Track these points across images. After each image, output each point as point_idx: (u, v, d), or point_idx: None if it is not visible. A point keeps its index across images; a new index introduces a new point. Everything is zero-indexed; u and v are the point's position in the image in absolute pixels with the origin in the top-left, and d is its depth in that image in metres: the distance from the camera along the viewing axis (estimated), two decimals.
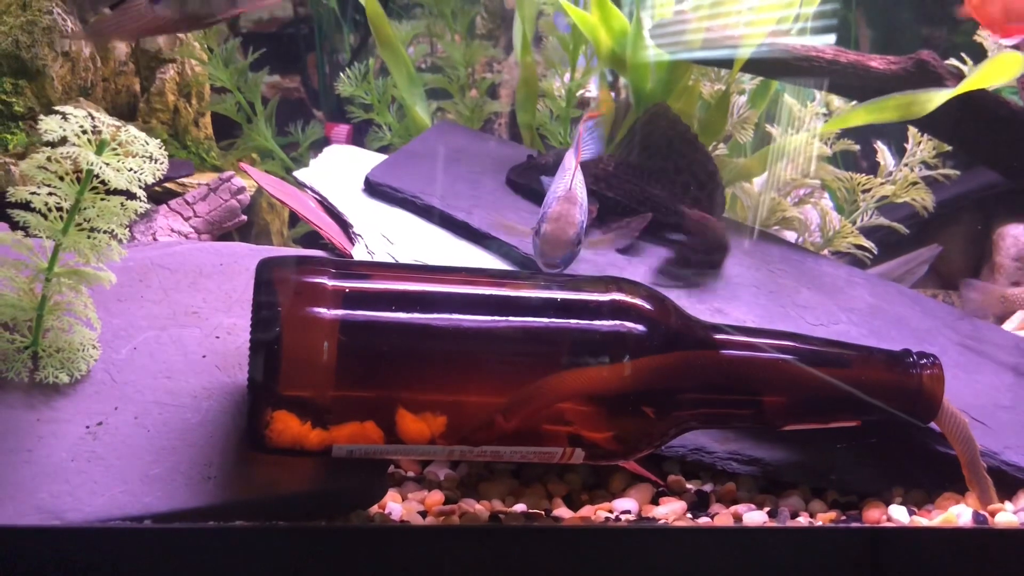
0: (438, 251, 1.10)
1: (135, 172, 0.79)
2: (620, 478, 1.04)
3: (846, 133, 1.45)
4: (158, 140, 0.80)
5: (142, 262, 0.97)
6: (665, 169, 1.17)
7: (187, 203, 1.25)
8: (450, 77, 1.50)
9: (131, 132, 0.80)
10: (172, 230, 1.21)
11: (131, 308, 0.93)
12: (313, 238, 1.36)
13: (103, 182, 0.80)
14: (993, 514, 0.97)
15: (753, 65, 1.30)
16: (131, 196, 0.81)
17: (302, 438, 0.82)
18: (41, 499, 0.79)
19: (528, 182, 1.21)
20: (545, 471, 1.05)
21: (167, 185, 1.32)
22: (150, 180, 0.79)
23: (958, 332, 1.18)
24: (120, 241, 0.84)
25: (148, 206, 0.83)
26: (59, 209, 0.81)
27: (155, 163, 0.80)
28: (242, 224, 1.28)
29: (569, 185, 1.03)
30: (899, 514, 0.98)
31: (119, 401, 0.86)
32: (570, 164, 1.06)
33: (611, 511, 0.98)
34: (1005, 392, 1.11)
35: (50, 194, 0.80)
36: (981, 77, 1.19)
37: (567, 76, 1.42)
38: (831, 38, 1.29)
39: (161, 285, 0.96)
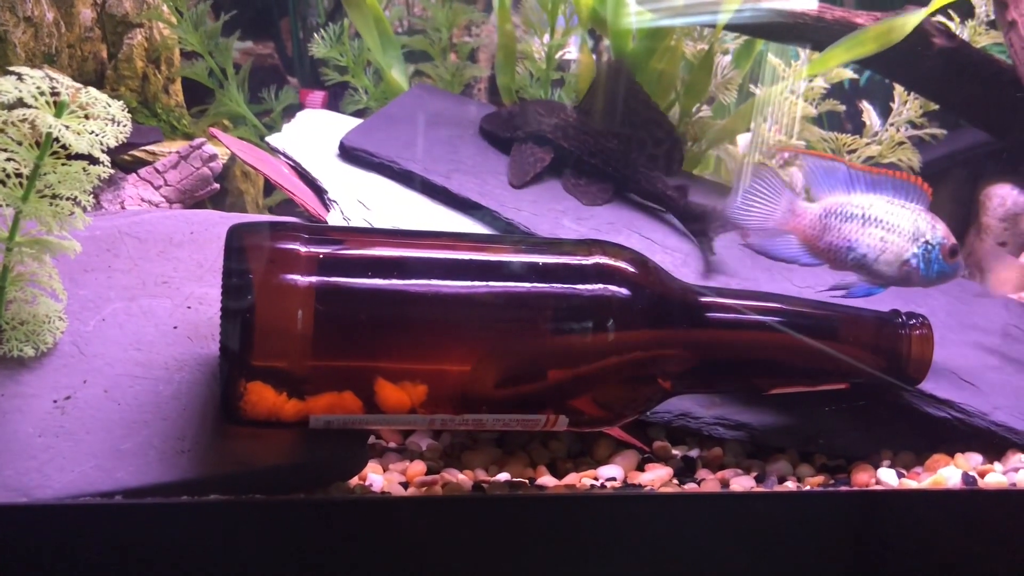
0: (416, 217, 1.07)
1: (97, 135, 0.76)
2: (605, 445, 1.02)
3: (832, 93, 1.43)
4: (120, 102, 0.77)
5: (109, 231, 0.94)
6: (622, 124, 1.17)
7: (157, 172, 1.21)
8: (431, 40, 1.46)
9: (92, 94, 0.76)
10: (142, 199, 1.18)
11: (99, 279, 0.90)
12: (289, 207, 1.33)
13: (64, 146, 0.77)
14: (982, 475, 0.96)
15: (737, 25, 1.28)
16: (94, 161, 0.78)
17: (278, 409, 0.79)
18: (7, 476, 0.77)
19: (499, 131, 1.20)
20: (529, 439, 1.03)
21: (136, 154, 1.28)
22: (113, 143, 0.76)
23: (946, 293, 1.17)
24: (84, 208, 0.80)
25: (112, 171, 0.80)
26: (18, 175, 0.78)
27: (118, 126, 0.77)
28: (215, 193, 1.24)
29: None
30: (888, 477, 0.97)
31: (88, 374, 0.84)
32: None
33: (596, 478, 0.96)
34: (993, 352, 1.10)
35: (8, 160, 0.77)
36: None
37: (546, 37, 1.39)
38: (813, 2, 1.26)
39: (130, 254, 0.93)
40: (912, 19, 1.18)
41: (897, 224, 0.98)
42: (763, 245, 1.03)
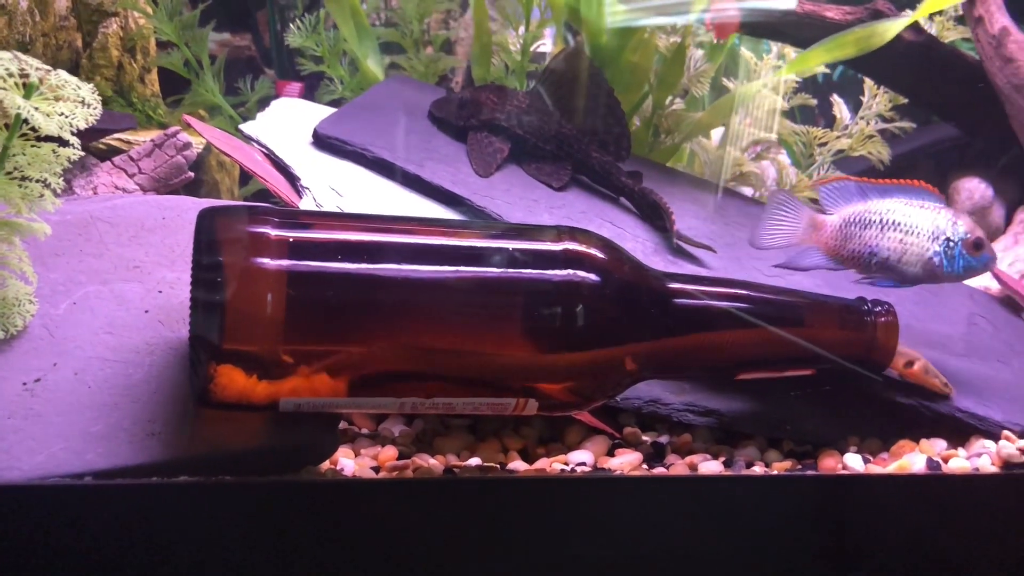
0: (389, 204, 1.08)
1: (67, 117, 0.76)
2: (576, 431, 1.03)
3: (804, 87, 1.45)
4: (90, 85, 0.77)
5: (81, 216, 0.94)
6: (575, 110, 1.18)
7: (132, 160, 1.21)
8: (403, 32, 1.47)
9: (62, 76, 0.77)
10: (116, 187, 1.18)
11: (70, 262, 0.90)
12: (264, 197, 1.33)
13: (33, 128, 0.77)
14: (946, 460, 0.98)
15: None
16: (64, 143, 0.78)
17: (248, 392, 0.80)
18: None
19: (451, 118, 1.20)
20: (501, 425, 1.04)
21: (111, 142, 1.28)
22: (83, 125, 0.76)
23: None
24: (54, 191, 0.81)
25: (82, 154, 0.80)
26: None
27: (88, 108, 0.77)
28: (189, 181, 1.24)
29: None
30: (854, 462, 0.98)
31: (58, 357, 0.84)
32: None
33: (566, 463, 0.97)
34: (958, 341, 1.12)
35: None
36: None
37: (521, 29, 1.39)
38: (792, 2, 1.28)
39: (101, 239, 0.93)
40: (894, 26, 1.19)
41: (916, 225, 1.01)
42: (791, 261, 1.07)
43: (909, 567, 0.89)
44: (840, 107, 1.41)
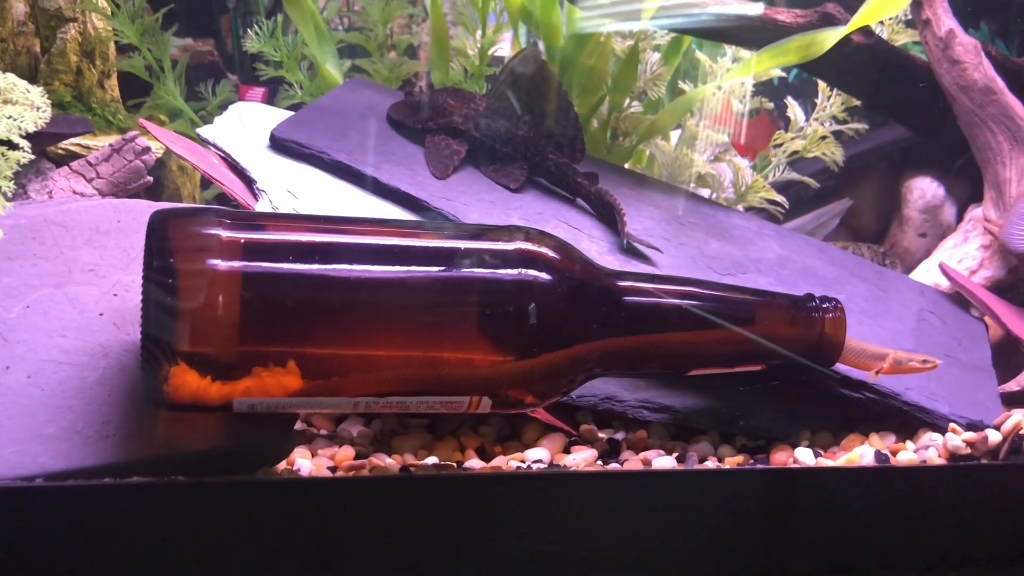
0: (346, 206, 1.08)
1: (15, 120, 0.76)
2: (533, 429, 1.04)
3: (763, 91, 1.47)
4: (40, 88, 0.78)
5: (35, 219, 0.94)
6: (530, 112, 1.19)
7: (90, 164, 1.21)
8: (367, 36, 1.48)
9: (10, 79, 0.77)
10: (73, 192, 1.18)
11: (23, 266, 0.90)
12: (224, 201, 1.33)
13: None
14: (895, 453, 1.00)
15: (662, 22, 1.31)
16: (13, 146, 0.78)
17: (202, 394, 0.80)
18: None
19: (409, 121, 1.21)
20: (459, 425, 1.05)
21: (70, 147, 1.28)
22: (31, 128, 0.76)
23: (864, 280, 1.21)
24: (5, 195, 0.81)
25: (32, 156, 0.80)
26: None
27: (38, 111, 0.77)
28: (148, 185, 1.24)
29: None
30: (805, 456, 1.00)
31: (10, 360, 0.84)
32: None
33: (523, 461, 0.98)
34: (908, 336, 1.14)
35: None
36: (869, 12, 1.21)
37: (479, 33, 1.41)
38: (759, 7, 1.30)
39: (56, 242, 0.93)
40: (832, 35, 1.22)
41: None
42: None
43: (857, 558, 0.91)
44: (795, 109, 1.43)
